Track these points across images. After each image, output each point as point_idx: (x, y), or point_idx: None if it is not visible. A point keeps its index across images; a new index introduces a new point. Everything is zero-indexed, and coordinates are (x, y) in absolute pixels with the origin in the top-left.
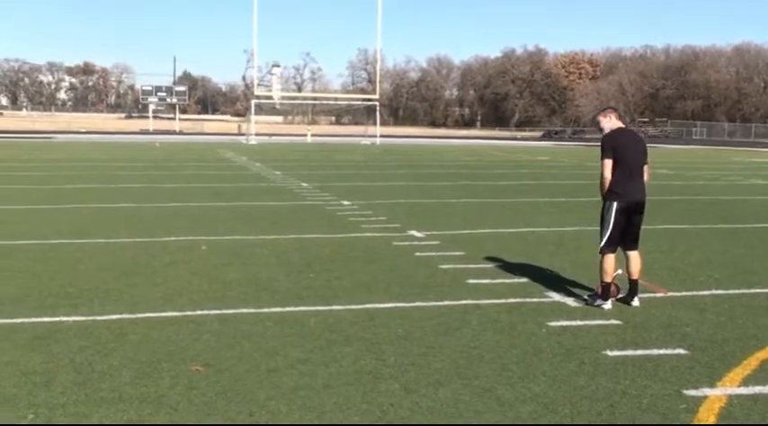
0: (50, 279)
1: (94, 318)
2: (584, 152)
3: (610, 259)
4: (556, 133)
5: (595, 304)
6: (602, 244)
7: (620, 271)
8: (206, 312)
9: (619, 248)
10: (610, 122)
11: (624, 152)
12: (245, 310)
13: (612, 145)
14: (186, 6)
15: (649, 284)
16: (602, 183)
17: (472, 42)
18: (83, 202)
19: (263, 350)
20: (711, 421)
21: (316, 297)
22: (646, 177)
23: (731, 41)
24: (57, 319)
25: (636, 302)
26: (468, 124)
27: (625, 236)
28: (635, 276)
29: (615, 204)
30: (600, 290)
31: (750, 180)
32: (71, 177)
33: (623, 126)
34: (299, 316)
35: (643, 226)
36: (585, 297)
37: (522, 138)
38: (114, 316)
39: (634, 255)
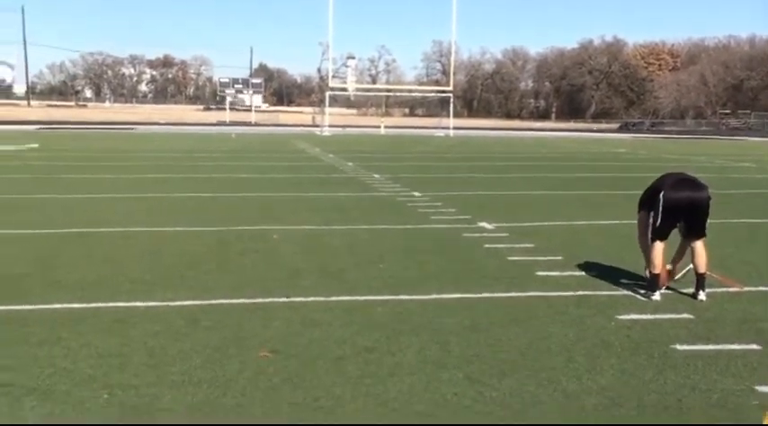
0: (128, 265)
1: (168, 304)
2: (663, 144)
3: (658, 248)
4: (633, 125)
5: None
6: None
7: (690, 267)
8: (276, 299)
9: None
10: None
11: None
12: (314, 298)
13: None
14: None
15: (724, 278)
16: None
17: (548, 34)
18: (162, 192)
19: (331, 338)
20: None
21: (384, 286)
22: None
23: None
24: (133, 304)
25: (702, 296)
26: (544, 116)
27: (688, 228)
28: (701, 269)
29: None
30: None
31: None
32: (151, 167)
33: None
34: (368, 305)
35: (719, 220)
36: (641, 291)
37: (599, 130)
38: (188, 302)
39: (698, 246)
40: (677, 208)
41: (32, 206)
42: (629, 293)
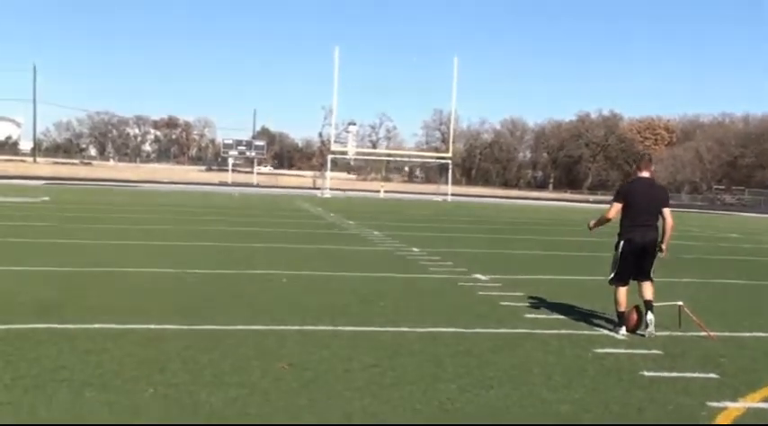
0: (153, 297)
1: (195, 327)
2: None
3: (621, 291)
4: None
5: (614, 331)
6: (611, 277)
7: (680, 303)
8: (289, 327)
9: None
10: (637, 172)
11: (634, 198)
12: (322, 327)
13: (623, 191)
14: (268, 63)
15: (699, 322)
16: (601, 216)
17: (546, 105)
18: (174, 241)
19: (339, 357)
20: (727, 422)
21: (386, 321)
22: (669, 220)
23: None
24: (163, 327)
25: (650, 323)
26: (541, 186)
27: (637, 271)
28: (648, 297)
29: (622, 244)
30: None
31: None
32: (160, 219)
33: (647, 176)
34: (371, 334)
35: (700, 280)
36: (611, 327)
37: (595, 201)
38: (213, 327)
39: (646, 284)
40: (632, 253)
41: (55, 249)
42: (608, 333)
